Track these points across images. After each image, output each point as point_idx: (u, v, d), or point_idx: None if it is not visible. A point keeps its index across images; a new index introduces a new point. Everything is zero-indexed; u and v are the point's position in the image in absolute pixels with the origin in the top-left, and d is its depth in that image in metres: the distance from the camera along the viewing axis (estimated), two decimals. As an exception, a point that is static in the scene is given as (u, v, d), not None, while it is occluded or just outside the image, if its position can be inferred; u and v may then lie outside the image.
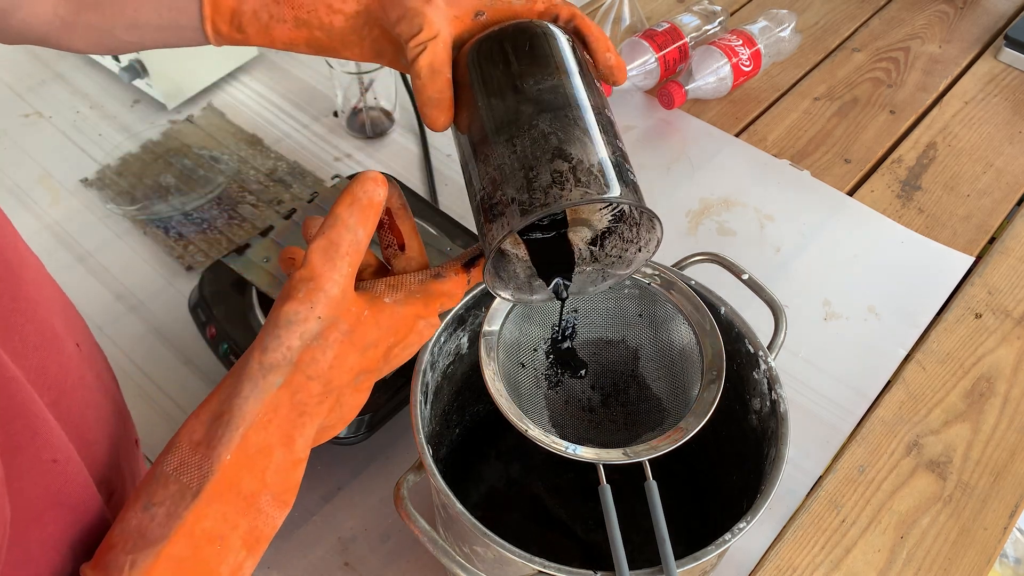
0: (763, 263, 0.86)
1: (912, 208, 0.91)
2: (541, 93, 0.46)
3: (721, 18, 1.05)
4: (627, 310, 0.60)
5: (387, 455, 0.71)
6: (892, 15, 1.15)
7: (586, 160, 0.45)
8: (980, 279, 0.85)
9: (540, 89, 0.46)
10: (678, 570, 0.47)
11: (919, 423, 0.74)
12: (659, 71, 0.99)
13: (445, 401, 0.64)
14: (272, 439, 0.40)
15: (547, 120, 0.47)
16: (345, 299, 0.41)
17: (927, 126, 1.00)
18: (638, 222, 0.51)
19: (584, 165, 0.45)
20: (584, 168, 0.45)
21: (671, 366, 0.58)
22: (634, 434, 0.57)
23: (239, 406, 0.39)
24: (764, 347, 0.58)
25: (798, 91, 1.04)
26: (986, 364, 0.78)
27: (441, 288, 0.46)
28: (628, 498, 0.53)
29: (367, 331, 0.42)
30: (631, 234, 0.52)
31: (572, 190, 0.44)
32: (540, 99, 0.46)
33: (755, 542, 0.67)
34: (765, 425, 0.57)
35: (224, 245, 0.86)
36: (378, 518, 0.68)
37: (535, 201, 0.43)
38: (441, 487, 0.50)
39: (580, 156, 0.45)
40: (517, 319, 0.58)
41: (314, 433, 0.42)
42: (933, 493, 0.70)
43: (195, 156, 0.94)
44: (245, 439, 0.39)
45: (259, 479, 0.40)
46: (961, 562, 0.66)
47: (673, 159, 0.96)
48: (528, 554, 0.47)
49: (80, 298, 0.82)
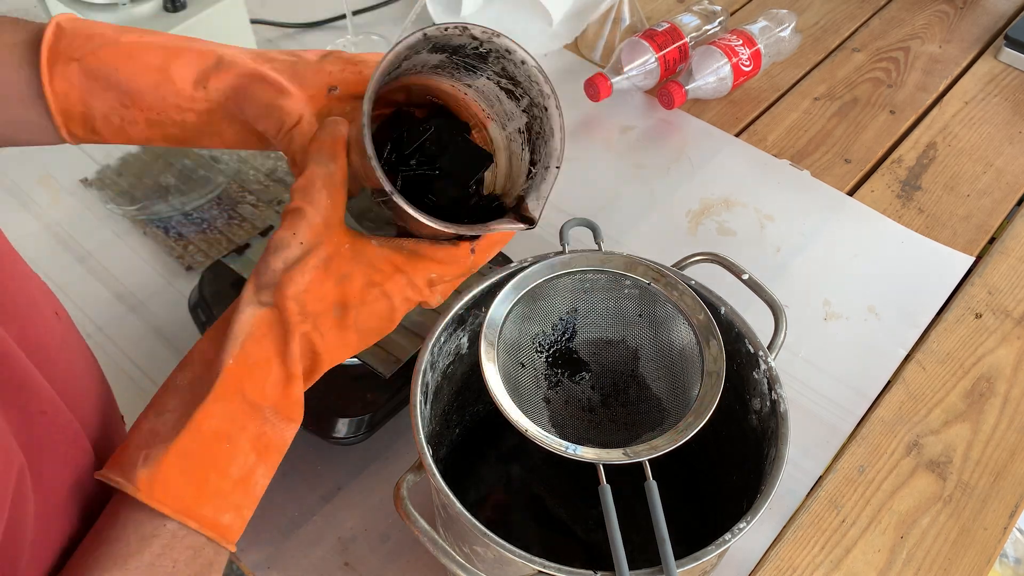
0: (763, 263, 0.86)
1: (912, 208, 0.91)
2: None
3: (721, 18, 1.05)
4: (627, 310, 0.60)
5: (387, 455, 0.71)
6: (892, 15, 1.15)
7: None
8: (980, 279, 0.85)
9: None
10: (678, 570, 0.47)
11: (919, 423, 0.74)
12: (659, 71, 0.99)
13: (445, 401, 0.64)
14: (268, 352, 0.44)
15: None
16: (328, 228, 0.46)
17: (927, 126, 1.00)
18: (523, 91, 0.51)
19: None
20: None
21: (671, 366, 0.58)
22: (634, 434, 0.57)
23: (238, 320, 0.45)
24: (764, 347, 0.58)
25: (798, 91, 1.04)
26: (986, 364, 0.78)
27: (430, 252, 0.48)
28: (628, 498, 0.53)
29: (343, 262, 0.46)
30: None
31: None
32: None
33: (755, 542, 0.67)
34: (765, 425, 0.57)
35: (224, 245, 0.86)
36: (378, 518, 0.68)
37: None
38: (441, 487, 0.50)
39: None
40: (517, 319, 0.58)
41: (301, 353, 0.45)
42: (933, 493, 0.70)
43: (195, 156, 0.94)
44: (244, 349, 0.44)
45: (260, 390, 0.44)
46: (961, 562, 0.66)
47: (673, 159, 0.96)
48: (528, 554, 0.47)
49: (80, 298, 0.82)
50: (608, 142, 0.98)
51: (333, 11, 1.12)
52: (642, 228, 0.89)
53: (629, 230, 0.88)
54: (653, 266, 0.58)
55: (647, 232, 0.88)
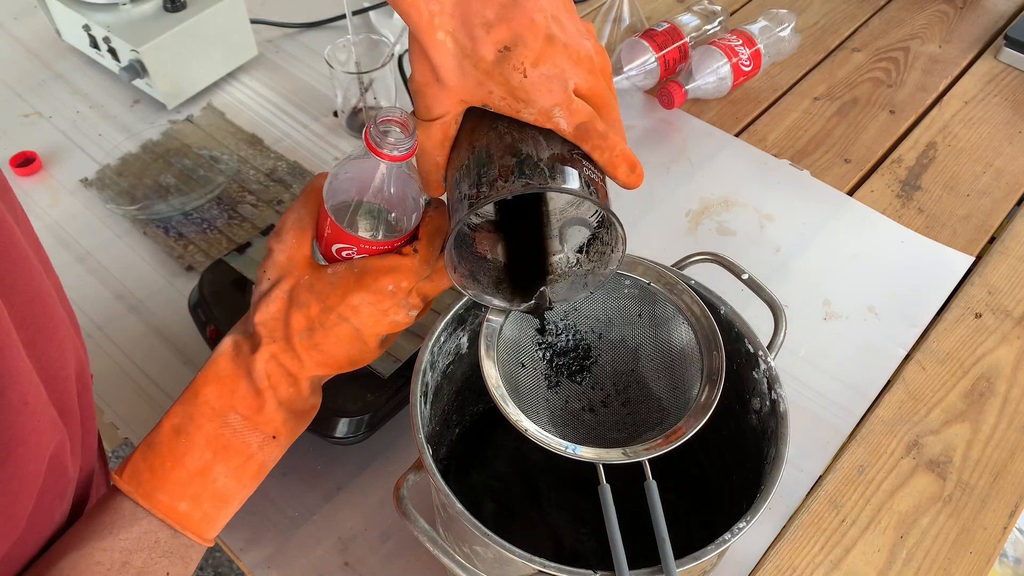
0: (763, 263, 0.86)
1: (912, 208, 0.91)
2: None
3: (721, 18, 1.05)
4: (627, 310, 0.60)
5: (387, 455, 0.71)
6: (892, 15, 1.15)
7: (535, 155, 0.45)
8: (980, 279, 0.85)
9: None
10: (678, 570, 0.47)
11: (919, 423, 0.74)
12: (659, 71, 1.00)
13: (445, 401, 0.64)
14: (236, 367, 0.51)
15: (505, 122, 0.47)
16: (291, 264, 0.52)
17: (927, 126, 1.00)
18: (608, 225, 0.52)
19: (532, 160, 0.45)
20: (531, 162, 0.45)
21: (671, 366, 0.58)
22: (634, 434, 0.57)
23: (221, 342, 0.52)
24: (764, 347, 0.58)
25: (798, 91, 1.04)
26: (986, 364, 0.78)
27: (375, 264, 0.51)
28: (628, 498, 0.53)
29: (302, 291, 0.51)
30: (608, 237, 0.52)
31: (515, 181, 0.44)
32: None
33: (755, 542, 0.67)
34: (765, 425, 0.57)
35: (224, 245, 0.86)
36: (378, 518, 0.68)
37: (481, 194, 0.45)
38: (441, 487, 0.50)
39: (529, 152, 0.45)
40: (517, 319, 0.58)
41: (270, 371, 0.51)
42: (933, 493, 0.70)
43: (195, 156, 0.94)
44: (215, 363, 0.51)
45: (225, 399, 0.50)
46: (961, 562, 0.66)
47: (673, 159, 0.96)
48: (528, 554, 0.47)
49: (80, 298, 0.82)
50: (608, 142, 0.98)
51: (333, 11, 1.12)
52: (642, 228, 0.89)
53: (629, 230, 0.88)
54: (653, 266, 0.58)
55: (647, 232, 0.88)
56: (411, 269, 0.52)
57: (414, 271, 0.52)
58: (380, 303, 0.51)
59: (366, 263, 0.51)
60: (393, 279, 0.51)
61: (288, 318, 0.51)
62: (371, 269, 0.51)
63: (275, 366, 0.51)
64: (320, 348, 0.51)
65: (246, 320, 0.53)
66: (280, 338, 0.51)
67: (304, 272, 0.52)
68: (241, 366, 0.51)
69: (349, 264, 0.52)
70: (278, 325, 0.51)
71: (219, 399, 0.50)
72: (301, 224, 0.52)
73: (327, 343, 0.51)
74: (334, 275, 0.51)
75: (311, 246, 0.53)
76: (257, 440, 0.51)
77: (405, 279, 0.52)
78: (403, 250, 0.52)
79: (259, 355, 0.50)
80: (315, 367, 0.52)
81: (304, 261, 0.52)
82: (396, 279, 0.51)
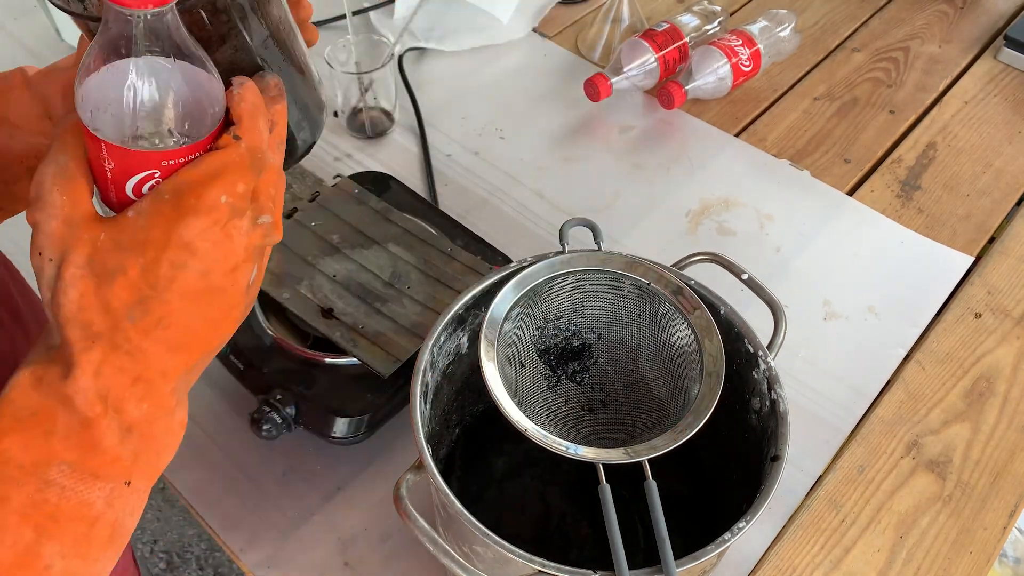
0: (763, 263, 0.86)
1: (912, 208, 0.91)
2: None
3: (721, 18, 1.05)
4: (627, 310, 0.60)
5: (387, 455, 0.71)
6: (892, 15, 1.15)
7: None
8: (980, 279, 0.85)
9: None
10: (678, 570, 0.47)
11: (919, 423, 0.74)
12: (659, 71, 1.00)
13: (445, 401, 0.64)
14: (44, 400, 0.36)
15: None
16: (73, 228, 0.37)
17: (927, 126, 1.00)
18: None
19: None
20: None
21: (671, 366, 0.58)
22: (634, 434, 0.57)
23: (10, 380, 0.37)
24: (764, 347, 0.58)
25: (798, 91, 1.04)
26: (986, 364, 0.78)
27: (191, 173, 0.37)
28: (628, 498, 0.53)
29: (106, 257, 0.36)
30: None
31: None
32: None
33: (755, 542, 0.67)
34: (765, 425, 0.57)
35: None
36: (378, 518, 0.68)
37: None
38: (441, 487, 0.50)
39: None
40: (517, 319, 0.58)
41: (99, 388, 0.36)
42: (933, 493, 0.70)
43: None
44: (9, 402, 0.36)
45: (38, 448, 0.36)
46: (961, 562, 0.66)
47: (673, 159, 0.96)
48: (528, 554, 0.47)
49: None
50: (608, 142, 0.98)
51: (333, 11, 1.12)
52: (642, 228, 0.89)
53: (629, 230, 0.88)
54: (653, 266, 0.59)
55: (647, 232, 0.88)
56: (241, 163, 0.38)
57: (246, 164, 0.38)
58: (218, 224, 0.37)
59: (177, 180, 0.37)
60: (223, 186, 0.37)
61: (103, 298, 0.36)
62: (189, 184, 0.37)
63: (109, 376, 0.36)
64: (165, 321, 0.37)
65: (46, 336, 0.38)
66: (103, 331, 0.36)
67: (97, 232, 0.37)
68: (52, 395, 0.36)
69: (155, 192, 0.37)
70: (92, 314, 0.36)
71: (27, 450, 0.35)
72: (67, 174, 0.38)
73: (172, 310, 0.37)
74: (140, 215, 0.37)
75: (91, 201, 0.39)
76: (101, 494, 0.37)
77: (239, 179, 0.38)
78: (219, 143, 0.39)
79: (79, 371, 0.36)
80: (167, 354, 0.37)
81: (89, 218, 0.37)
82: (226, 184, 0.38)
